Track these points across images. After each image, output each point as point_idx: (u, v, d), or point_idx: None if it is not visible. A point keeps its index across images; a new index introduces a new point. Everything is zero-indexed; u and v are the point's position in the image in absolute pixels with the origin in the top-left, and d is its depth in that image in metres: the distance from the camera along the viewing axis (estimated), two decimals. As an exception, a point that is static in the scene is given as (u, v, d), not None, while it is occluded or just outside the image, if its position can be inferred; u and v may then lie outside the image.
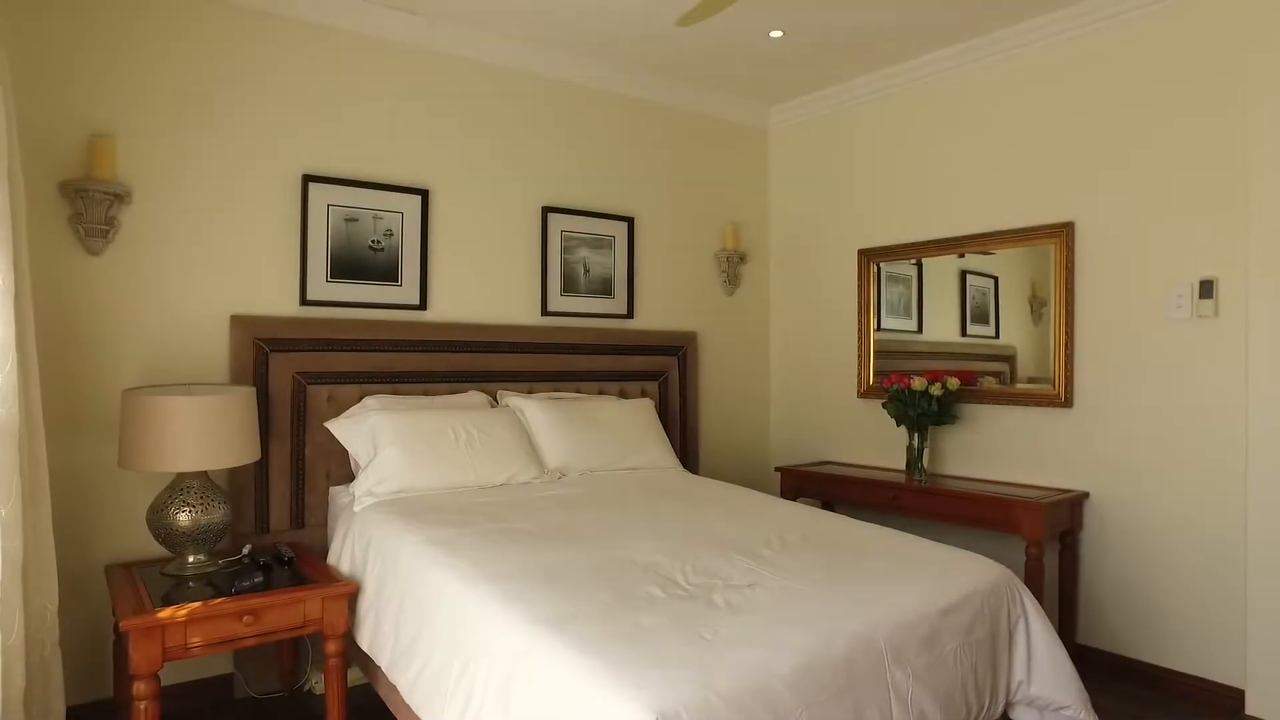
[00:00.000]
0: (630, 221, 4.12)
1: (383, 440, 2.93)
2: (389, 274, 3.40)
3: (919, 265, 4.01)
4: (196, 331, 2.95)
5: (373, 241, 3.35)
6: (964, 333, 3.83)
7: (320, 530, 3.11)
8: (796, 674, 1.64)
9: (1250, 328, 2.74)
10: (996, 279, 3.70)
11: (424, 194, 3.46)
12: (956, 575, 2.20)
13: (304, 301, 3.17)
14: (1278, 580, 2.67)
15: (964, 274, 3.82)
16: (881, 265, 4.15)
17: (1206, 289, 2.97)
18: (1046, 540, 3.13)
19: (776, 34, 3.58)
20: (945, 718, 1.92)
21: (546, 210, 3.84)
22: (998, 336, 3.71)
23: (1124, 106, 3.21)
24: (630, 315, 4.13)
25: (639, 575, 2.10)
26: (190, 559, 2.52)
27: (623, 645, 1.65)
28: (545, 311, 3.84)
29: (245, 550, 2.67)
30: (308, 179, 3.17)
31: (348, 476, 3.13)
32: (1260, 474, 2.71)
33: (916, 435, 3.68)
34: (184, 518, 2.46)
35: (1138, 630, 3.17)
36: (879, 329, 4.18)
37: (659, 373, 4.15)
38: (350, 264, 3.29)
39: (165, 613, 2.16)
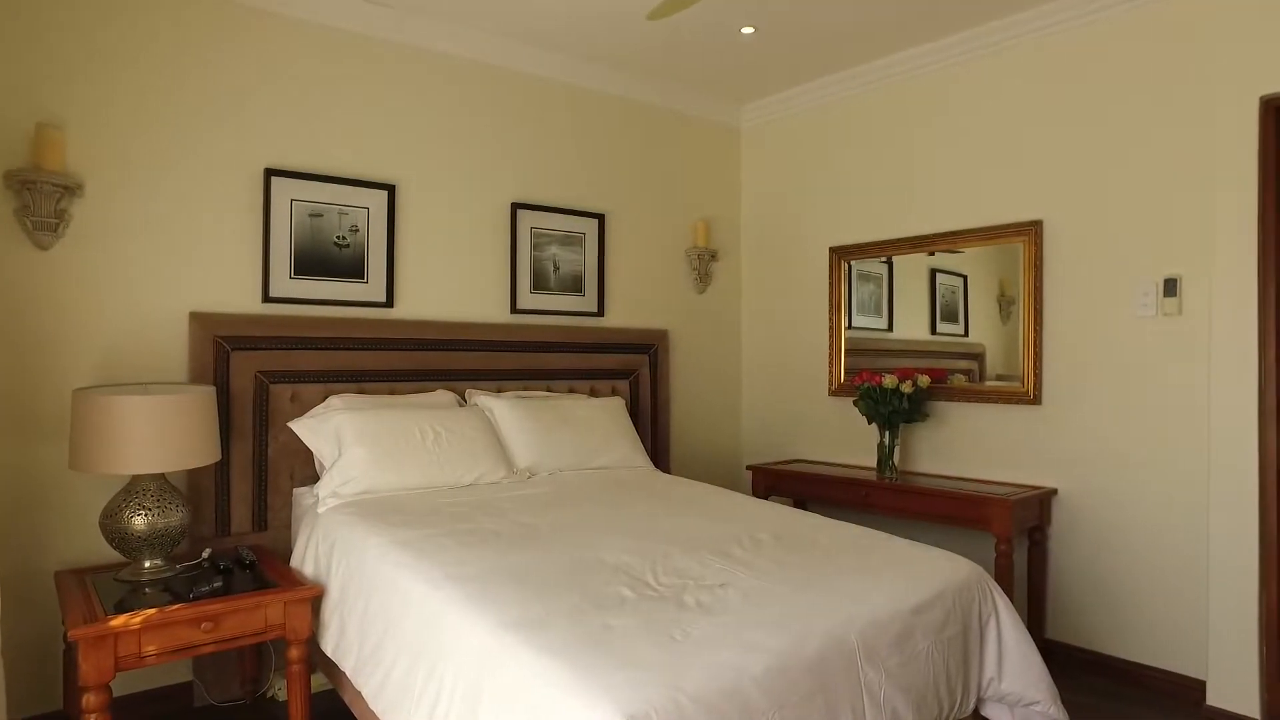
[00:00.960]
0: (601, 218, 4.08)
1: (348, 440, 2.87)
2: (355, 271, 3.33)
3: (889, 263, 4.02)
4: (154, 329, 2.86)
5: (338, 237, 3.28)
6: (934, 331, 3.85)
7: (284, 532, 3.04)
8: (769, 675, 1.62)
9: (1213, 326, 2.77)
10: (965, 278, 3.72)
11: (391, 189, 3.40)
12: (928, 573, 2.19)
13: (266, 299, 3.10)
14: (1237, 574, 2.70)
15: (934, 272, 3.84)
16: (853, 263, 4.16)
17: (1171, 287, 3.00)
18: (1016, 537, 3.14)
19: (748, 31, 3.56)
20: (918, 716, 1.91)
21: (516, 206, 3.79)
22: (967, 335, 3.73)
23: (1092, 107, 3.23)
24: (601, 313, 4.09)
25: (609, 576, 2.06)
26: (146, 564, 2.44)
27: (592, 648, 1.62)
28: (514, 309, 3.79)
29: (205, 554, 2.59)
30: (270, 173, 3.09)
31: (312, 477, 3.06)
32: (1222, 469, 2.74)
33: (888, 433, 3.69)
34: (140, 521, 2.38)
35: (1105, 625, 3.20)
36: (850, 327, 4.18)
37: (630, 371, 4.12)
38: (315, 260, 3.22)
39: (118, 621, 2.08)
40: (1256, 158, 2.68)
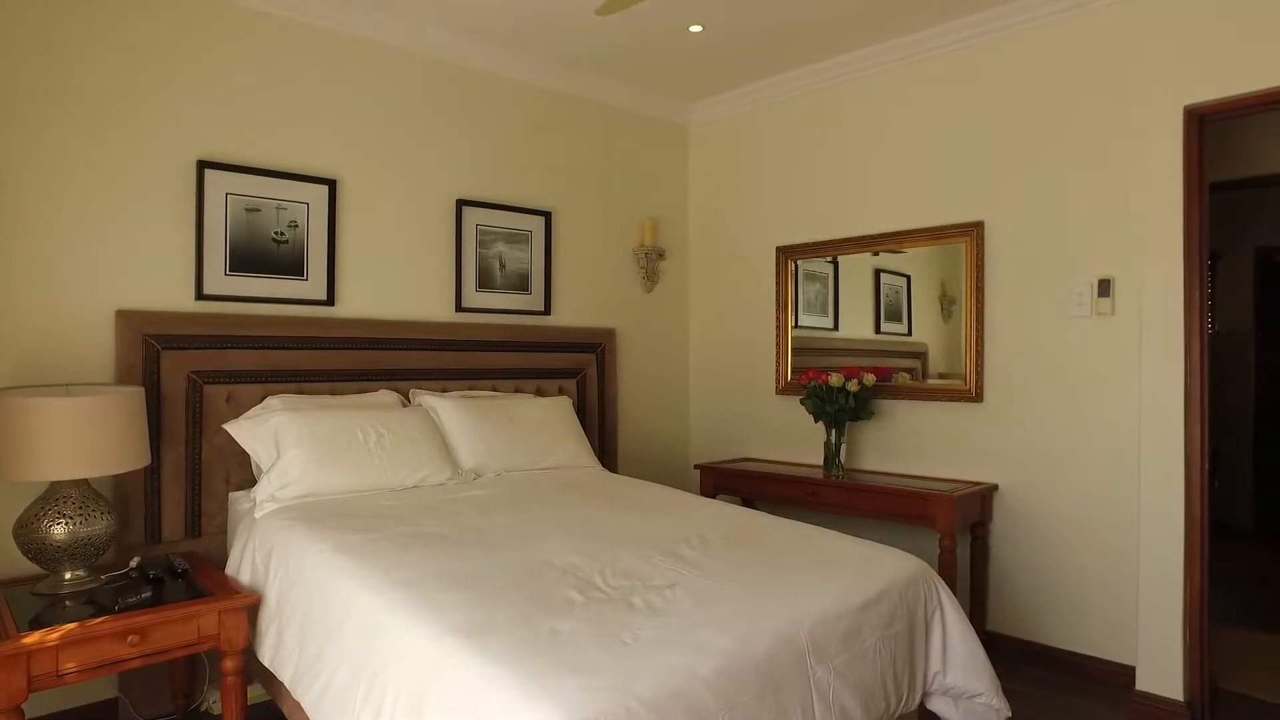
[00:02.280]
0: (548, 216, 4.04)
1: (286, 442, 2.78)
2: (294, 267, 3.23)
3: (835, 263, 4.07)
4: (76, 328, 2.72)
5: (276, 233, 3.18)
6: (878, 330, 3.91)
7: (219, 538, 2.93)
8: (719, 676, 1.61)
9: (1143, 326, 2.86)
10: (909, 278, 3.78)
11: (332, 184, 3.31)
12: (875, 570, 2.22)
13: (200, 296, 2.98)
14: (1164, 564, 2.80)
15: (878, 273, 3.90)
16: (799, 263, 4.20)
17: (1104, 288, 3.10)
18: (959, 532, 3.21)
19: (696, 29, 3.56)
20: (865, 712, 1.93)
21: (461, 203, 3.73)
22: (910, 334, 3.79)
23: (1032, 111, 3.32)
24: (548, 312, 4.05)
25: (556, 578, 2.03)
26: (67, 575, 2.32)
27: (539, 653, 1.59)
28: (460, 308, 3.73)
29: (133, 563, 2.48)
30: (203, 165, 2.97)
31: (249, 481, 2.96)
32: (1151, 464, 2.84)
33: (834, 431, 3.73)
34: (59, 530, 2.26)
35: (1043, 616, 3.29)
36: (797, 326, 4.22)
37: (577, 370, 4.09)
38: (252, 256, 3.11)
39: (32, 638, 1.95)
40: (1181, 165, 2.77)
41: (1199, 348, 2.77)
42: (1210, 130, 2.80)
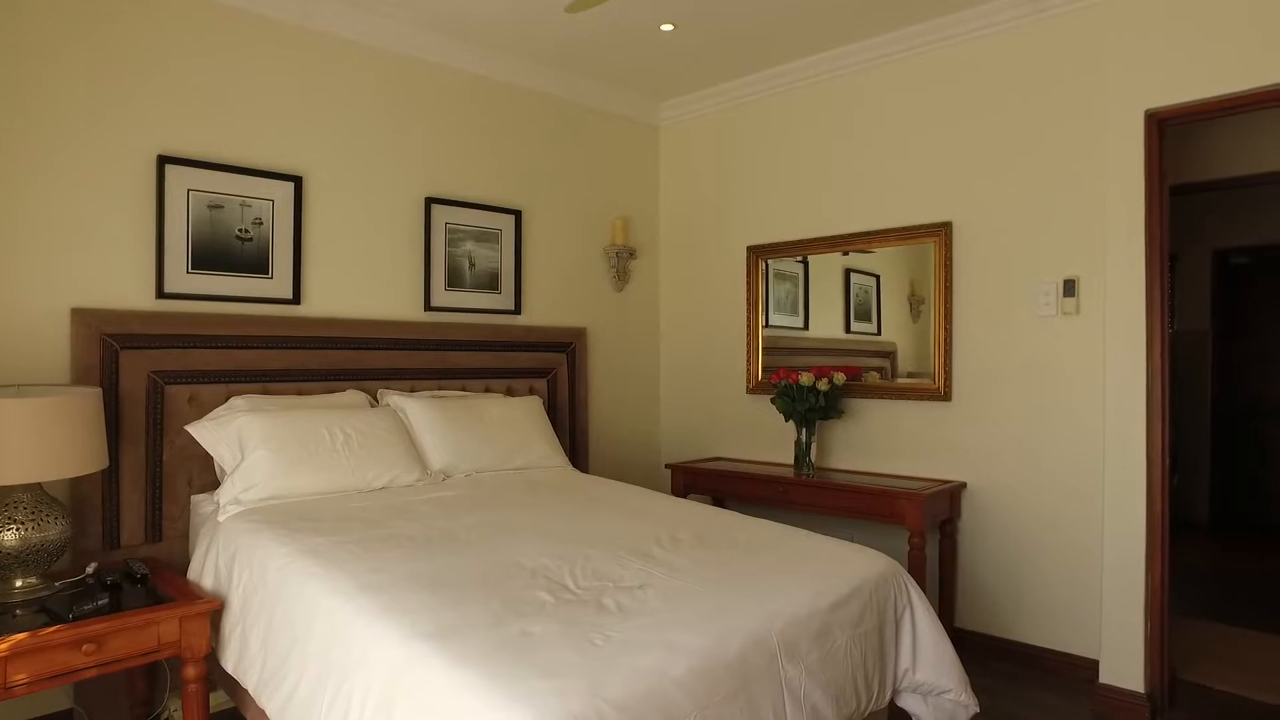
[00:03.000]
0: (518, 215, 4.01)
1: (251, 443, 2.72)
2: (259, 265, 3.17)
3: (805, 263, 4.09)
4: (30, 327, 2.64)
5: (240, 230, 3.12)
6: (848, 329, 3.94)
7: (181, 543, 2.86)
8: (691, 676, 1.60)
9: (1108, 324, 2.91)
10: (878, 277, 3.81)
11: (298, 181, 3.25)
12: (845, 569, 2.22)
13: (161, 294, 2.91)
14: (1127, 559, 2.85)
15: (848, 272, 3.92)
16: (770, 262, 4.21)
17: (1069, 288, 3.15)
18: (928, 530, 3.24)
19: (667, 27, 3.55)
20: (837, 710, 1.93)
21: (430, 201, 3.68)
22: (879, 333, 3.82)
23: (999, 114, 3.36)
24: (518, 311, 4.02)
25: (527, 580, 2.01)
26: (19, 583, 2.24)
27: (510, 656, 1.57)
28: (429, 307, 3.68)
29: (89, 569, 2.40)
30: (164, 160, 2.90)
31: (212, 484, 2.90)
32: (1115, 461, 2.89)
33: (804, 430, 3.75)
34: (10, 536, 2.19)
35: (1010, 612, 3.33)
36: (767, 325, 4.24)
37: (547, 370, 4.06)
38: (215, 254, 3.05)
39: (-20, 648, 1.89)
40: (1143, 167, 2.82)
41: (1160, 347, 2.83)
42: (1170, 134, 2.86)
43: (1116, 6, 2.88)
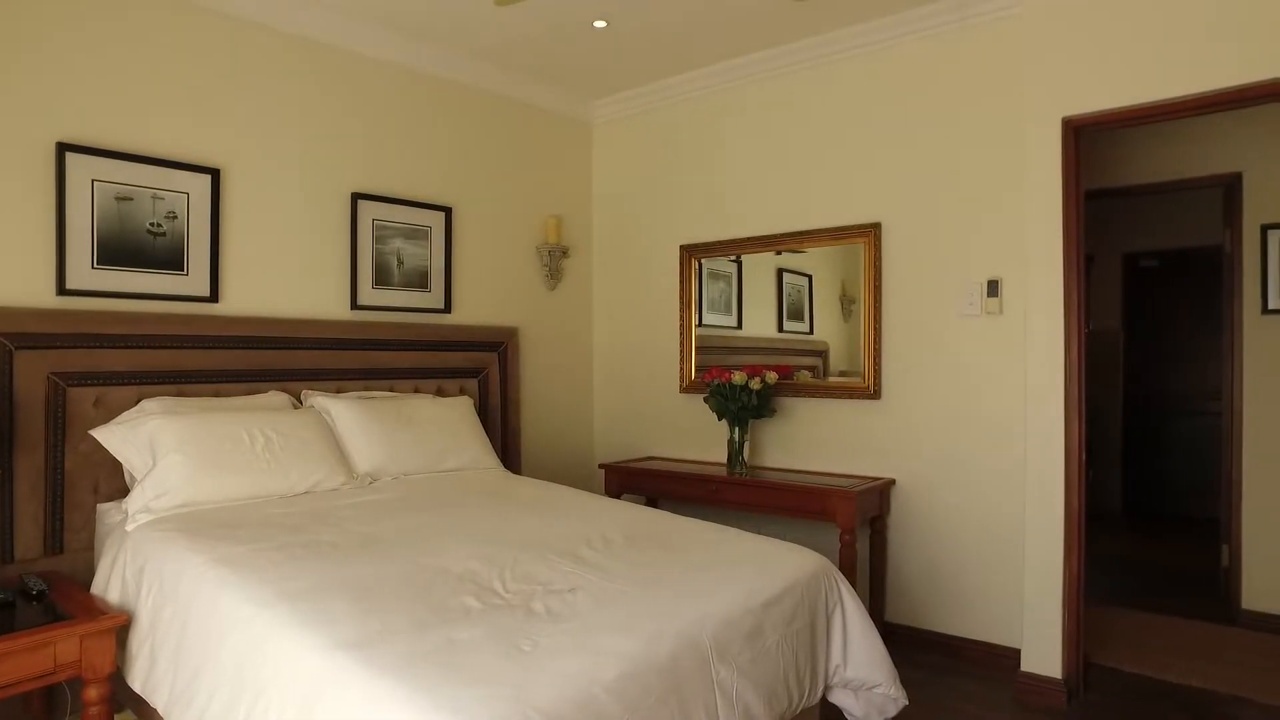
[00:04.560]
0: (448, 212, 3.93)
1: (164, 447, 2.59)
2: (173, 262, 3.02)
3: (739, 262, 4.11)
4: (-85, 325, 2.46)
5: (152, 224, 2.97)
6: (781, 329, 3.98)
7: (86, 555, 2.71)
8: (621, 681, 1.58)
9: (1029, 324, 3.00)
10: (810, 277, 3.86)
11: (215, 173, 3.11)
12: (777, 567, 2.23)
13: (62, 291, 2.75)
14: (1046, 552, 2.94)
15: (781, 272, 3.96)
16: (703, 261, 4.22)
17: (993, 288, 3.24)
18: (858, 526, 3.29)
19: (600, 24, 3.52)
20: (769, 709, 1.94)
21: (357, 197, 3.57)
22: (811, 332, 3.87)
23: (926, 117, 3.43)
24: (448, 309, 3.94)
25: (454, 585, 1.96)
26: (-100, 600, 2.09)
27: (434, 664, 1.52)
28: (355, 305, 3.57)
29: (-20, 584, 2.25)
30: (64, 148, 2.74)
31: (121, 491, 2.75)
32: (1036, 457, 2.98)
33: (737, 429, 3.76)
34: (-108, 550, 2.03)
35: (938, 605, 3.41)
36: (701, 324, 4.25)
37: (478, 369, 3.99)
38: (123, 249, 2.89)
39: None
40: (1060, 173, 2.92)
41: (1078, 346, 2.93)
42: (1085, 141, 2.96)
43: (1036, 16, 2.97)
